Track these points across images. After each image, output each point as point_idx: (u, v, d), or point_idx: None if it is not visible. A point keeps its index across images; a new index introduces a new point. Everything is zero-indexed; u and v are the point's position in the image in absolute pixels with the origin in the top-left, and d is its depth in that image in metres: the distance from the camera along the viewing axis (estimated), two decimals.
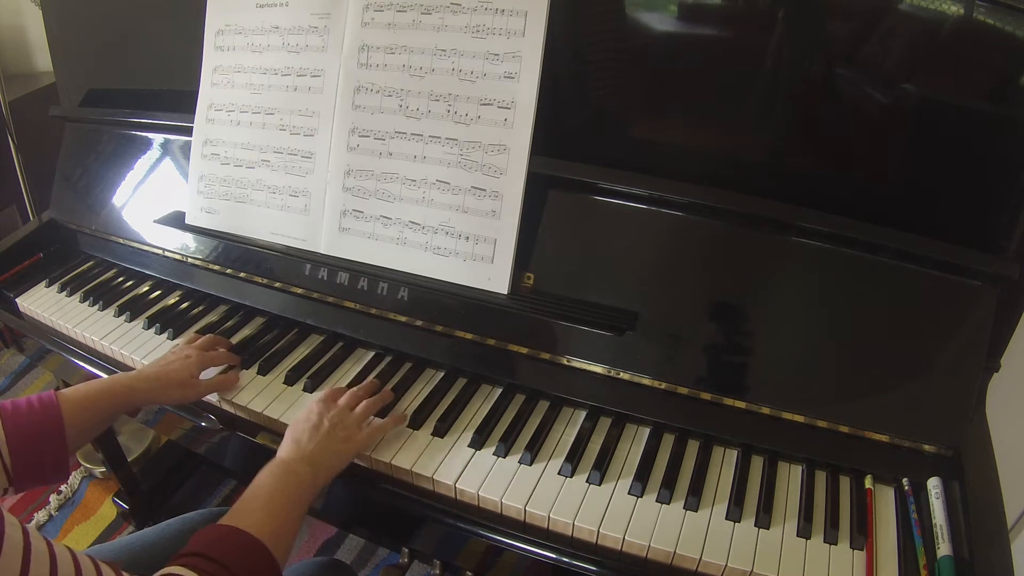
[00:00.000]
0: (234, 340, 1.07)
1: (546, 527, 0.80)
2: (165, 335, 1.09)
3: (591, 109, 0.96)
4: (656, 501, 0.81)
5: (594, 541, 0.78)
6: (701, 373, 0.86)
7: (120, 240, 1.24)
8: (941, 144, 0.82)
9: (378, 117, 0.98)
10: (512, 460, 0.86)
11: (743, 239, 0.86)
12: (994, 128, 0.80)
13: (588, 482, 0.83)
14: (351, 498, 0.90)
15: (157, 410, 1.06)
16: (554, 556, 0.77)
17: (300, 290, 1.06)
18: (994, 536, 0.73)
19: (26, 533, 0.49)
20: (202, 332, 1.08)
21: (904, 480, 0.83)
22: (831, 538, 0.77)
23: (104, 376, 1.05)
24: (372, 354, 1.04)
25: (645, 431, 0.91)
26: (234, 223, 1.11)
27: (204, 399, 0.99)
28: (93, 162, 1.28)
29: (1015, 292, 0.83)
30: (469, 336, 0.96)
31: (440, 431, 0.89)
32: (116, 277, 1.25)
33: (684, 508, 0.80)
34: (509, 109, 0.90)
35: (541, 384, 0.94)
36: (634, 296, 0.89)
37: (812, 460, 0.85)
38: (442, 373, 1.00)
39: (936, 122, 0.82)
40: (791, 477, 0.85)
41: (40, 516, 1.68)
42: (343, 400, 0.88)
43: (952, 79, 0.81)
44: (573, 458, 0.85)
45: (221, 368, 1.00)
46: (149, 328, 1.11)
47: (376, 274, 0.99)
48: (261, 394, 0.97)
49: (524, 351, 0.94)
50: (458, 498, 0.83)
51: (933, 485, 0.80)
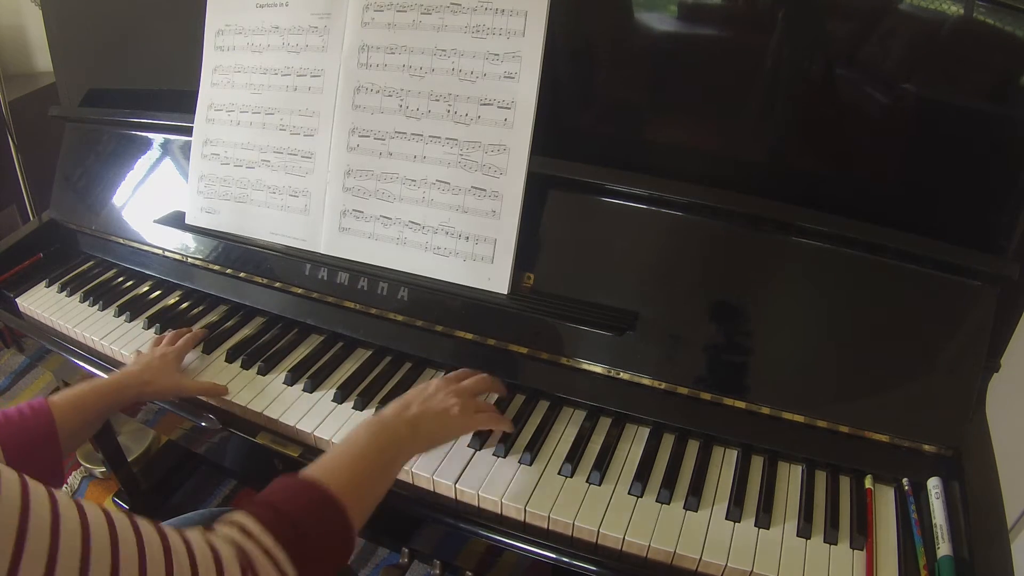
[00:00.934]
0: (234, 340, 1.07)
1: (546, 527, 0.80)
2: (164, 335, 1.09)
3: (591, 109, 0.96)
4: (656, 501, 0.81)
5: (594, 541, 0.78)
6: (701, 373, 0.86)
7: (120, 240, 1.24)
8: (941, 144, 0.82)
9: (378, 117, 0.98)
10: (512, 460, 0.86)
11: (743, 239, 0.86)
12: (994, 128, 0.80)
13: (588, 482, 0.83)
14: None
15: (157, 410, 1.06)
16: (554, 556, 0.78)
17: (300, 290, 1.06)
18: (994, 536, 0.73)
19: (53, 498, 0.47)
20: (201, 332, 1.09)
21: (904, 480, 0.83)
22: (831, 538, 0.77)
23: (104, 376, 1.05)
24: (372, 354, 1.04)
25: (645, 431, 0.91)
26: (234, 223, 1.11)
27: (205, 400, 0.99)
28: (93, 162, 1.28)
29: (1015, 292, 0.83)
30: (469, 336, 0.96)
31: None
32: (116, 277, 1.25)
33: (684, 508, 0.80)
34: (509, 109, 0.90)
35: (541, 384, 0.95)
36: (634, 296, 0.89)
37: (812, 460, 0.86)
38: (442, 373, 1.00)
39: (936, 122, 0.82)
40: (791, 477, 0.85)
41: None
42: (468, 382, 0.86)
43: (952, 79, 0.81)
44: (573, 458, 0.85)
45: (198, 352, 1.03)
46: (149, 328, 1.11)
47: (376, 274, 0.99)
48: (261, 394, 0.97)
49: (524, 351, 0.94)
50: (458, 498, 0.83)
51: (933, 485, 0.80)
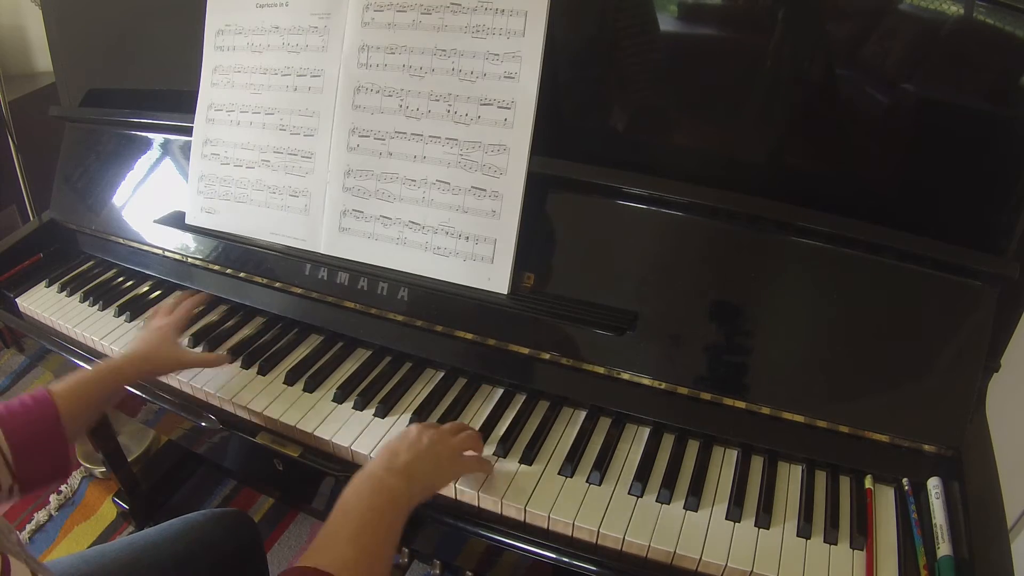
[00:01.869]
0: (234, 340, 1.07)
1: (546, 527, 0.80)
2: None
3: (591, 109, 0.96)
4: (656, 501, 0.81)
5: (594, 541, 0.78)
6: (701, 373, 0.86)
7: (120, 240, 1.24)
8: (941, 144, 0.82)
9: (378, 117, 0.98)
10: (512, 460, 0.86)
11: (743, 239, 0.86)
12: (994, 128, 0.80)
13: (588, 482, 0.83)
14: None
15: (157, 410, 1.06)
16: (554, 556, 0.78)
17: (300, 290, 1.06)
18: (994, 536, 0.73)
19: None
20: (202, 331, 1.08)
21: (904, 480, 0.83)
22: (831, 538, 0.77)
23: None
24: (372, 354, 1.04)
25: (645, 431, 0.91)
26: (234, 223, 1.11)
27: (205, 399, 0.99)
28: (93, 162, 1.28)
29: (1015, 292, 0.83)
30: (469, 336, 0.96)
31: None
32: (116, 277, 1.25)
33: (684, 508, 0.80)
34: (509, 109, 0.90)
35: (541, 384, 0.95)
36: (634, 296, 0.89)
37: (812, 460, 0.86)
38: (442, 373, 1.00)
39: (936, 122, 0.82)
40: (791, 477, 0.85)
41: (40, 516, 1.68)
42: (446, 426, 0.82)
43: (952, 79, 0.81)
44: (573, 458, 0.85)
45: (196, 322, 1.02)
46: None
47: (376, 274, 0.99)
48: (261, 394, 0.97)
49: (524, 351, 0.94)
50: (458, 498, 0.83)
51: (933, 485, 0.80)
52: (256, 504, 1.73)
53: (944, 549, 0.73)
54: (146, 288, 1.21)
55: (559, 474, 0.84)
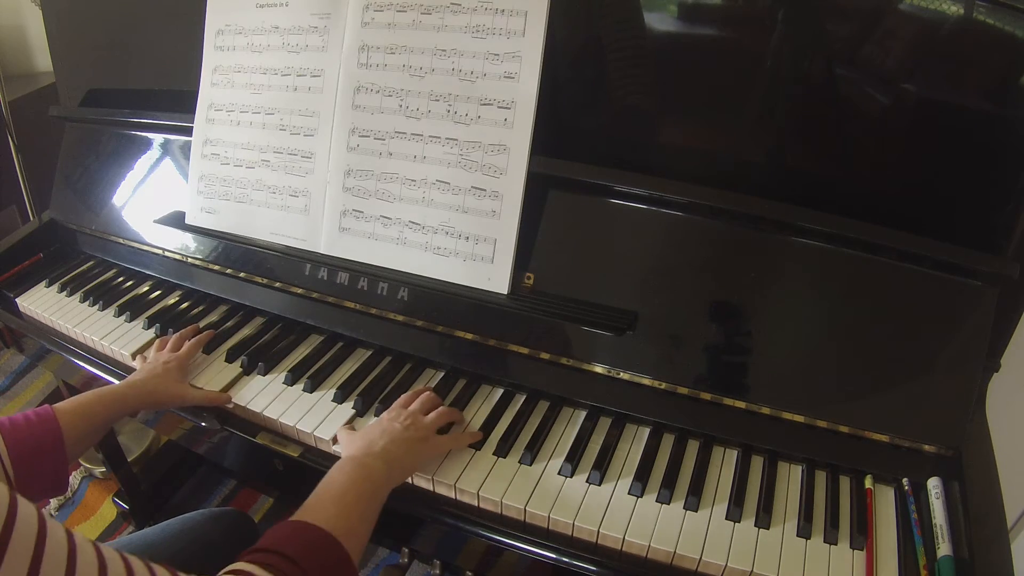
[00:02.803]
0: (234, 340, 1.07)
1: (546, 527, 0.80)
2: (166, 335, 1.09)
3: (591, 109, 0.96)
4: (656, 501, 0.81)
5: (594, 541, 0.78)
6: (701, 373, 0.86)
7: (120, 240, 1.24)
8: (941, 144, 0.82)
9: (378, 117, 0.98)
10: (512, 460, 0.86)
11: (743, 239, 0.86)
12: (994, 128, 0.80)
13: (588, 482, 0.83)
14: None
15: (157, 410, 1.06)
16: (554, 556, 0.77)
17: (300, 290, 1.06)
18: (994, 536, 0.73)
19: (71, 537, 0.48)
20: (201, 332, 1.08)
21: (904, 480, 0.83)
22: (831, 538, 0.77)
23: (103, 376, 1.06)
24: (372, 354, 1.04)
25: (645, 431, 0.91)
26: (234, 223, 1.11)
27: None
28: (93, 162, 1.28)
29: (1015, 292, 0.83)
30: (469, 336, 0.96)
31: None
32: (116, 277, 1.25)
33: (684, 508, 0.80)
34: (509, 109, 0.90)
35: (541, 384, 0.95)
36: (634, 296, 0.89)
37: (812, 460, 0.86)
38: (442, 373, 1.00)
39: (936, 122, 0.82)
40: (791, 477, 0.85)
41: None
42: (415, 405, 0.87)
43: (952, 79, 0.81)
44: (573, 458, 0.85)
45: (198, 356, 1.03)
46: (149, 328, 1.11)
47: (376, 274, 0.99)
48: (261, 394, 0.97)
49: (524, 351, 0.94)
50: (458, 498, 0.83)
51: (933, 485, 0.80)
52: (256, 504, 1.73)
53: (944, 549, 0.73)
54: (146, 288, 1.21)
55: (559, 474, 0.84)
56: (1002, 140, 0.80)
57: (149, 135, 1.22)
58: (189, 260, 1.16)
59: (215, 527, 0.99)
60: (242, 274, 1.10)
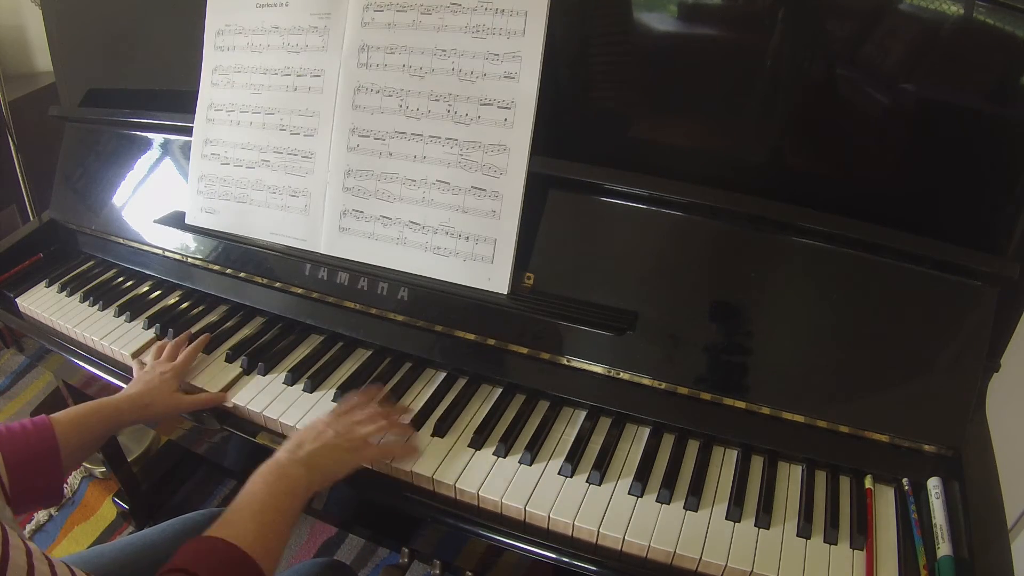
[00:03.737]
0: (234, 340, 1.07)
1: (546, 527, 0.80)
2: (166, 336, 1.09)
3: (591, 109, 0.96)
4: (656, 501, 0.81)
5: (594, 541, 0.78)
6: (701, 373, 0.86)
7: (120, 240, 1.24)
8: (941, 144, 0.82)
9: (378, 117, 0.98)
10: (512, 460, 0.86)
11: (743, 239, 0.86)
12: (994, 128, 0.80)
13: (588, 482, 0.83)
14: (351, 498, 0.90)
15: None
16: (554, 556, 0.77)
17: (300, 290, 1.06)
18: (994, 536, 0.73)
19: (30, 555, 0.49)
20: (202, 332, 1.08)
21: (904, 480, 0.83)
22: (831, 538, 0.77)
23: (103, 376, 1.06)
24: (372, 354, 1.04)
25: (645, 431, 0.91)
26: (234, 223, 1.11)
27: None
28: (93, 162, 1.28)
29: (1015, 292, 0.83)
30: (469, 336, 0.96)
31: (440, 431, 0.89)
32: (116, 277, 1.25)
33: (684, 508, 0.80)
34: (509, 109, 0.90)
35: (541, 384, 0.94)
36: (634, 296, 0.89)
37: (812, 460, 0.85)
38: (442, 373, 1.00)
39: (936, 122, 0.82)
40: (791, 477, 0.85)
41: (40, 516, 1.68)
42: (358, 416, 0.86)
43: (952, 79, 0.81)
44: (573, 458, 0.85)
45: (196, 360, 1.02)
46: (149, 328, 1.11)
47: (376, 274, 0.99)
48: (261, 394, 0.97)
49: (524, 351, 0.94)
50: (458, 498, 0.83)
51: (933, 485, 0.80)
52: None
53: (944, 549, 0.73)
54: (146, 288, 1.21)
55: (559, 474, 0.84)
56: (1002, 140, 0.80)
57: (149, 135, 1.22)
58: (189, 260, 1.16)
59: None
60: (242, 274, 1.10)
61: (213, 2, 1.09)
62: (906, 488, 0.82)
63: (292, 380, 0.99)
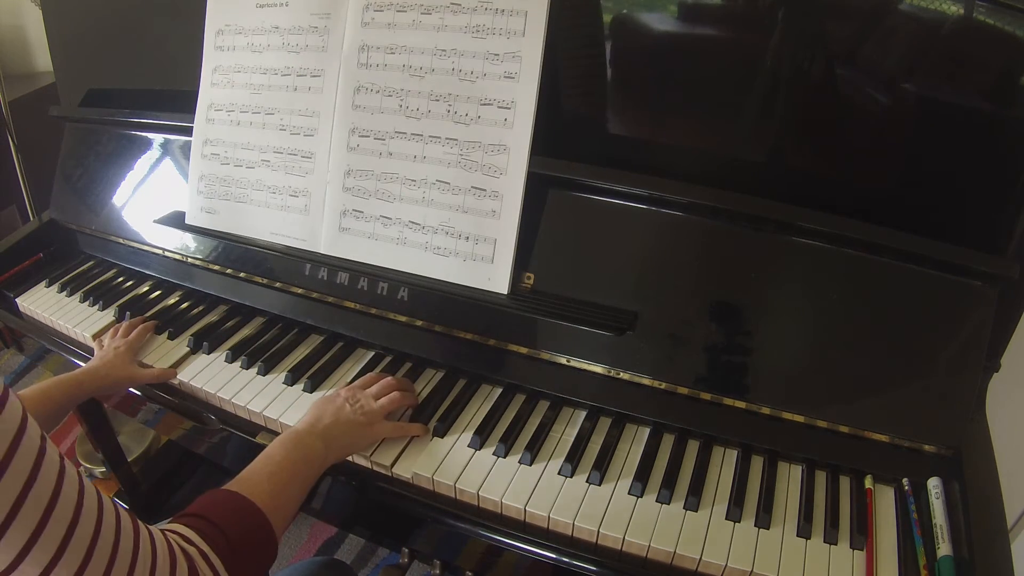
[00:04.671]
0: (234, 340, 1.07)
1: (546, 527, 0.80)
2: (165, 335, 1.09)
3: (592, 109, 0.96)
4: (656, 501, 0.81)
5: (594, 541, 0.78)
6: (701, 373, 0.86)
7: (120, 240, 1.24)
8: (941, 144, 0.82)
9: (378, 117, 0.98)
10: (512, 460, 0.86)
11: (743, 239, 0.86)
12: (994, 128, 0.80)
13: (588, 482, 0.83)
14: (351, 498, 0.90)
15: (157, 410, 1.06)
16: (554, 556, 0.77)
17: (300, 290, 1.06)
18: (994, 536, 0.73)
19: (44, 439, 0.50)
20: (203, 331, 1.09)
21: (904, 480, 0.83)
22: (831, 538, 0.77)
23: None
24: (372, 354, 1.04)
25: (645, 431, 0.91)
26: (234, 223, 1.11)
27: (206, 400, 0.99)
28: (93, 162, 1.28)
29: (1015, 292, 0.82)
30: (469, 336, 0.96)
31: (440, 431, 0.89)
32: (116, 277, 1.25)
33: (684, 508, 0.80)
34: (509, 109, 0.90)
35: (541, 384, 0.94)
36: (634, 296, 0.89)
37: (812, 460, 0.85)
38: (442, 373, 1.00)
39: (936, 122, 0.82)
40: (791, 477, 0.85)
41: None
42: (373, 389, 0.90)
43: (952, 79, 0.81)
44: (573, 458, 0.85)
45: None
46: None
47: (376, 274, 0.99)
48: (261, 394, 0.97)
49: (524, 351, 0.94)
50: (458, 498, 0.83)
51: (933, 485, 0.80)
52: None
53: (944, 549, 0.73)
54: (146, 288, 1.21)
55: (559, 474, 0.84)
56: (1002, 140, 0.80)
57: (149, 135, 1.22)
58: (189, 260, 1.16)
59: None
60: (242, 274, 1.11)
61: (213, 2, 1.09)
62: (906, 488, 0.82)
63: (292, 380, 0.99)
